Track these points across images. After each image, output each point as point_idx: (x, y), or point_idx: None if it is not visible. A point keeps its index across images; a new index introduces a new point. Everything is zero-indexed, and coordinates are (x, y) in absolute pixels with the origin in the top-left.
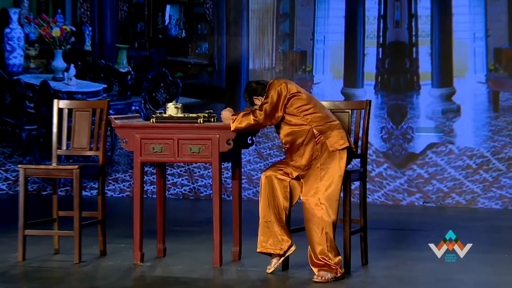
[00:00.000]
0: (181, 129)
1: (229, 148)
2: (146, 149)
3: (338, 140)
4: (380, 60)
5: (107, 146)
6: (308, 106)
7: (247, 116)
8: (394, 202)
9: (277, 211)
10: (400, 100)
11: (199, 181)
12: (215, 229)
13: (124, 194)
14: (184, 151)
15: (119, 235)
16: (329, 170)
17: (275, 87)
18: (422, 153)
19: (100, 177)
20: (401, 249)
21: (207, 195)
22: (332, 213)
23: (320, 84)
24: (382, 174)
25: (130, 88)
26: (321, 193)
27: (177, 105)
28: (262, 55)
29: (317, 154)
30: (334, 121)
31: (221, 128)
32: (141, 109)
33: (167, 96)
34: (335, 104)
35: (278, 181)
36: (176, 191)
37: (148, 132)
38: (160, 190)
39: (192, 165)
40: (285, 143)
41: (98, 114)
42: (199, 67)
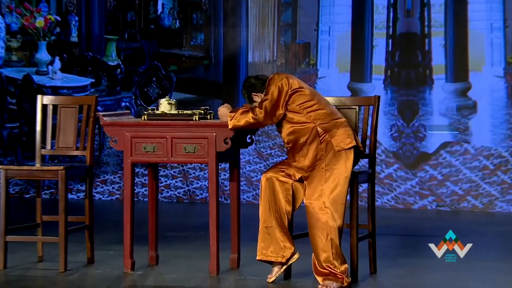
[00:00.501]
0: (175, 127)
1: (226, 147)
2: (137, 148)
3: (345, 139)
4: (390, 53)
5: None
6: (312, 102)
7: (246, 113)
8: (405, 205)
9: (278, 215)
10: (411, 95)
11: (194, 183)
12: (212, 235)
13: (113, 197)
14: (178, 150)
15: (108, 241)
16: (335, 171)
17: (276, 82)
18: (435, 153)
19: (87, 179)
20: (413, 256)
21: (203, 198)
22: (338, 218)
23: (325, 78)
24: (392, 176)
25: (119, 83)
26: (326, 196)
27: (170, 101)
28: (262, 47)
29: (321, 154)
30: (340, 119)
31: (218, 126)
32: (131, 105)
33: (159, 91)
34: (341, 100)
35: (280, 184)
36: (169, 194)
37: (139, 130)
38: (152, 192)
39: (186, 166)
40: (287, 143)
41: (85, 110)
42: (194, 60)
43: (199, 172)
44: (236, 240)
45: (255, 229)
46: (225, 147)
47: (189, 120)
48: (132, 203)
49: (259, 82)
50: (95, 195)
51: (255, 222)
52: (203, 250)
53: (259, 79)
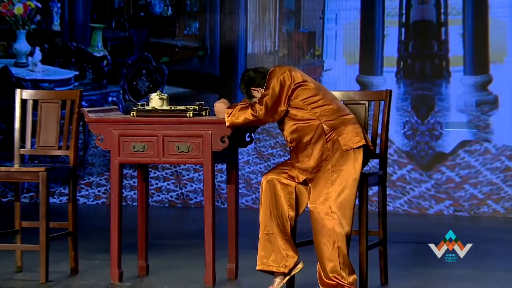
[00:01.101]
0: (166, 124)
1: (223, 146)
2: (126, 147)
3: (353, 137)
4: (403, 43)
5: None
6: (317, 97)
7: (244, 110)
8: (419, 210)
9: (280, 221)
10: (426, 89)
11: (188, 186)
12: (207, 243)
13: (100, 201)
14: (170, 150)
15: (94, 249)
16: (342, 173)
17: (277, 75)
18: (452, 152)
19: (71, 181)
20: (427, 266)
21: (198, 203)
22: (346, 224)
23: (332, 71)
24: (405, 178)
25: (106, 76)
26: (332, 200)
27: (162, 95)
28: (263, 36)
29: (327, 154)
30: (348, 115)
31: (214, 123)
32: (119, 100)
33: (150, 85)
34: (349, 94)
35: (282, 186)
36: (161, 198)
37: (127, 128)
38: (142, 196)
39: (180, 167)
40: (290, 141)
41: (68, 106)
42: (188, 50)
43: (194, 174)
44: (234, 249)
45: (255, 237)
46: (222, 146)
47: (182, 117)
48: (120, 208)
49: (259, 76)
50: (79, 199)
51: (254, 229)
52: (198, 260)
53: (258, 72)
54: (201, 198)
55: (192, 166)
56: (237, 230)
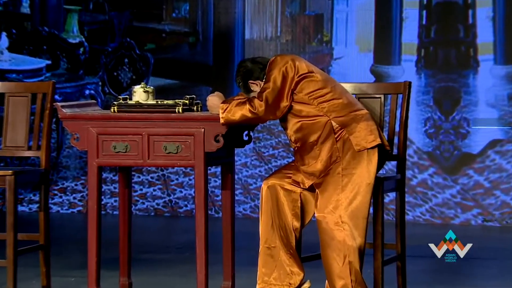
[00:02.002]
0: (152, 121)
1: (217, 147)
2: (105, 148)
3: (366, 136)
4: (424, 27)
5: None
6: (325, 90)
7: (242, 105)
8: (442, 220)
9: (284, 233)
10: (451, 81)
11: (177, 192)
12: (199, 258)
13: (75, 210)
14: (156, 151)
15: (68, 265)
16: (354, 177)
17: (279, 66)
18: (481, 153)
19: (42, 187)
20: (452, 284)
21: (188, 211)
22: (358, 235)
23: (342, 59)
24: (427, 183)
25: (83, 65)
26: (343, 209)
27: (147, 88)
28: (263, 20)
29: (337, 155)
30: (361, 110)
31: (207, 119)
32: (98, 93)
33: (133, 76)
34: (361, 87)
35: (285, 193)
36: (145, 206)
37: (107, 125)
38: (124, 204)
39: (167, 170)
40: (294, 141)
41: (39, 100)
42: (176, 36)
43: (183, 178)
44: (230, 264)
45: (254, 250)
46: (216, 147)
47: (170, 113)
48: (99, 217)
49: (258, 67)
50: (52, 207)
51: (254, 242)
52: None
53: (257, 63)
54: (192, 206)
55: (181, 169)
56: (233, 243)
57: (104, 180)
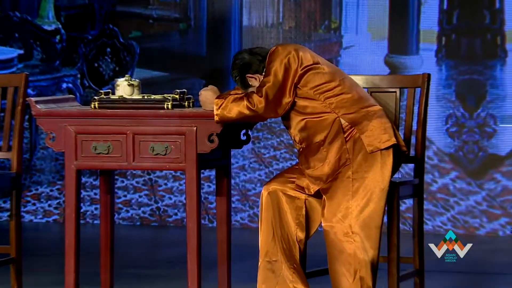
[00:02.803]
0: (138, 119)
1: (212, 147)
2: (85, 149)
3: (380, 135)
4: (445, 12)
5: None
6: (333, 84)
7: (239, 101)
8: (466, 230)
9: (286, 245)
10: (475, 73)
11: (165, 199)
12: (191, 273)
13: (50, 219)
14: (143, 152)
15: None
16: (366, 181)
17: (280, 57)
18: (509, 155)
19: (13, 193)
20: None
21: (178, 220)
22: (370, 248)
23: (353, 49)
24: (448, 188)
25: (59, 56)
26: (353, 217)
27: (132, 81)
28: (263, 4)
29: (347, 157)
30: (373, 106)
31: (200, 116)
32: (76, 87)
33: (116, 67)
34: (374, 80)
35: (288, 200)
36: (130, 214)
37: (87, 123)
38: (105, 212)
39: (155, 174)
40: (299, 142)
41: (10, 95)
42: (165, 23)
43: (173, 183)
44: (225, 280)
45: (253, 265)
46: (210, 147)
47: (158, 109)
48: (77, 227)
49: (256, 59)
50: (24, 215)
51: (252, 254)
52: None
53: (256, 54)
54: (182, 214)
55: (171, 173)
56: (229, 256)
57: (84, 185)
